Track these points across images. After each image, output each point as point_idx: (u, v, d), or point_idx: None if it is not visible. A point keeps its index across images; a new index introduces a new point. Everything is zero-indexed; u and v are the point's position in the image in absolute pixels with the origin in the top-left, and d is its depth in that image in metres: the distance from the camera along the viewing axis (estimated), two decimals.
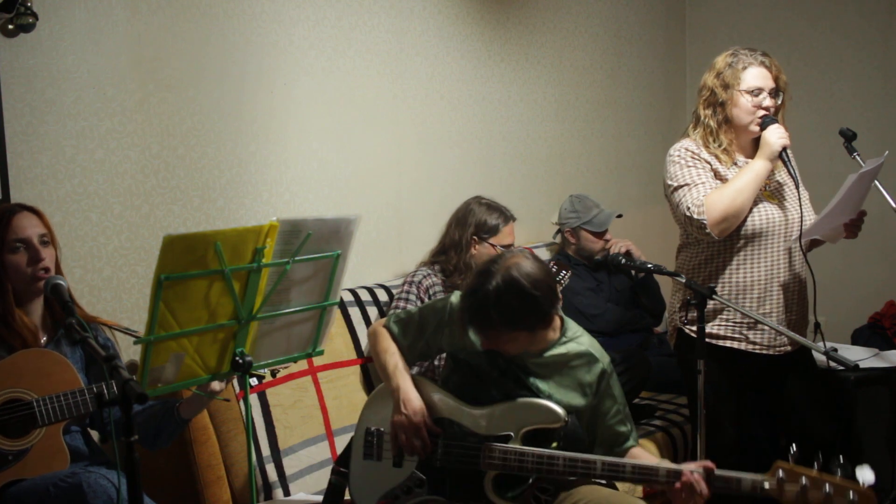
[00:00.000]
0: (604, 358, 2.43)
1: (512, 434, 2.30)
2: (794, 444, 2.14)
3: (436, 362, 3.12)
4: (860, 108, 4.68)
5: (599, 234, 3.87)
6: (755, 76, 2.80)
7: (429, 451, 2.36)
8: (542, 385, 2.38)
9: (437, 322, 2.46)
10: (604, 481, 2.83)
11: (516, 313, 2.25)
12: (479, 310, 2.26)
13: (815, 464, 2.09)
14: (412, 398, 2.37)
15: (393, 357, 2.46)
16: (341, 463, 2.51)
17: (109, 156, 2.83)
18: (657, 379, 3.65)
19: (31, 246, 2.27)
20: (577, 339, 2.43)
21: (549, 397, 2.35)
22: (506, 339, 2.29)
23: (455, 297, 2.46)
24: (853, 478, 2.07)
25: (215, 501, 2.69)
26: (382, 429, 2.44)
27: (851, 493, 2.03)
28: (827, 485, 2.05)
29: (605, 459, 2.24)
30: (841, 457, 2.11)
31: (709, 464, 2.17)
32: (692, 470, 2.16)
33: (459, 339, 2.41)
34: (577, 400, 2.38)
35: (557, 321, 2.40)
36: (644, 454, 2.43)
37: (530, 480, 2.32)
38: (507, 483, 2.33)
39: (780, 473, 2.08)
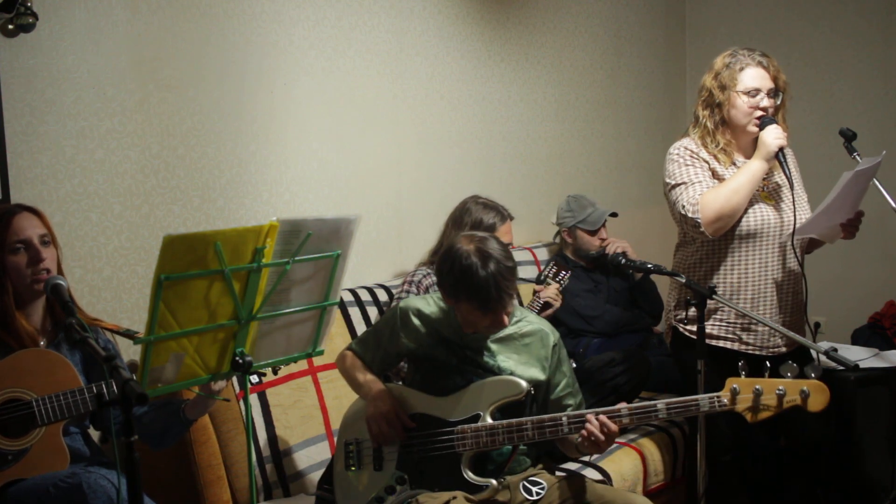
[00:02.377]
0: (554, 333, 2.55)
1: (481, 413, 2.39)
2: (742, 361, 2.25)
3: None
4: (860, 108, 4.68)
5: (593, 233, 3.87)
6: (752, 77, 2.80)
7: (402, 437, 2.44)
8: (503, 364, 2.47)
9: (390, 330, 2.56)
10: (598, 476, 2.86)
11: (515, 278, 2.40)
12: (501, 285, 2.32)
13: (765, 373, 2.23)
14: (381, 393, 2.48)
15: (360, 370, 2.58)
16: (325, 481, 2.58)
17: (109, 156, 2.84)
18: (657, 379, 3.64)
19: (31, 246, 2.26)
20: (527, 318, 2.56)
21: (511, 374, 2.44)
22: (508, 308, 2.40)
23: (402, 302, 2.57)
24: (803, 376, 2.20)
25: (215, 501, 2.69)
26: (360, 437, 2.51)
27: (803, 387, 2.19)
28: (779, 386, 2.20)
29: (570, 414, 2.34)
30: (789, 360, 2.21)
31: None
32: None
33: (415, 336, 2.51)
34: (538, 374, 2.48)
35: None
36: None
37: (508, 451, 2.43)
38: (486, 463, 2.43)
39: (734, 386, 2.23)
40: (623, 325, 3.83)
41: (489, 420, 2.37)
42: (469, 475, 2.36)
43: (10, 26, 2.57)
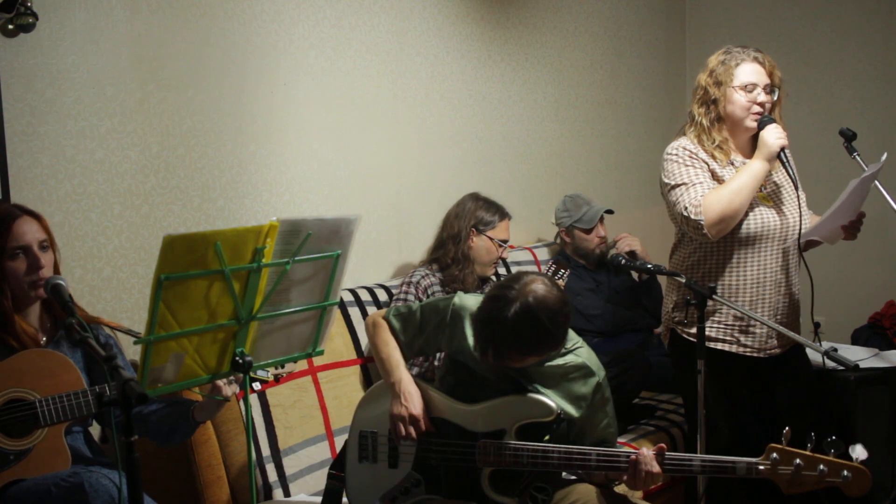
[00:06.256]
0: (599, 371, 2.44)
1: (505, 429, 2.32)
2: (787, 427, 2.17)
3: (436, 362, 3.13)
4: (860, 108, 4.68)
5: (590, 231, 3.88)
6: (748, 72, 2.80)
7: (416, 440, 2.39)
8: (541, 390, 2.38)
9: (437, 321, 2.46)
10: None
11: (531, 344, 2.24)
12: (494, 339, 2.23)
13: (808, 445, 2.14)
14: (413, 392, 2.40)
15: (394, 351, 2.48)
16: (337, 467, 2.53)
17: (109, 156, 2.84)
18: (657, 379, 3.65)
19: (30, 253, 2.26)
20: (577, 351, 2.43)
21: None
22: (516, 361, 2.30)
23: (458, 298, 2.47)
24: (846, 456, 2.12)
25: (215, 501, 2.69)
26: (376, 430, 2.46)
27: (845, 470, 2.10)
28: (821, 464, 2.11)
29: (600, 450, 2.28)
30: (833, 437, 2.13)
31: (661, 446, 2.27)
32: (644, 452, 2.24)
33: (459, 342, 2.42)
34: (571, 411, 2.38)
35: None
36: None
37: (526, 474, 2.34)
38: (504, 478, 2.35)
39: (774, 455, 2.14)
40: (624, 325, 3.83)
41: (513, 437, 2.30)
42: (490, 493, 2.31)
43: (10, 26, 2.57)
